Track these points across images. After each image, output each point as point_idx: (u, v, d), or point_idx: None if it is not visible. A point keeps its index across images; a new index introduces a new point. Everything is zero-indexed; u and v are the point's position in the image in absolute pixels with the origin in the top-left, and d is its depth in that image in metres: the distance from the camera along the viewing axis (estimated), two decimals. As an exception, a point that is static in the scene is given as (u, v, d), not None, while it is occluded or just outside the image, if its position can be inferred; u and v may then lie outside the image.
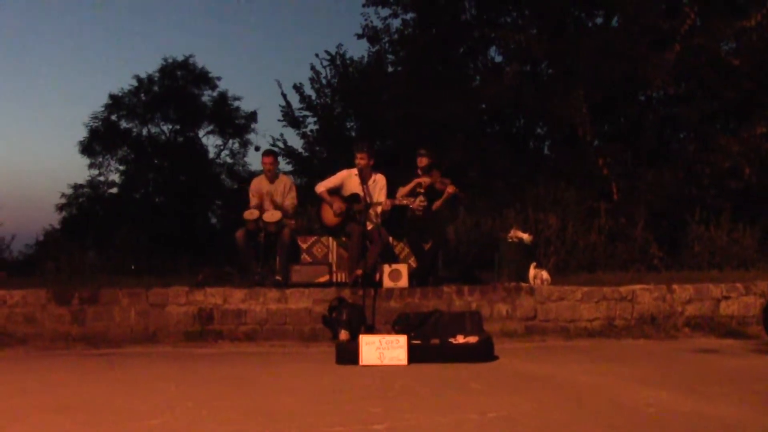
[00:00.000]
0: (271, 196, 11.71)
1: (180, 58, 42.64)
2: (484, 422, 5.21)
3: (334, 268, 11.50)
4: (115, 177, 42.87)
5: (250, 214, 11.34)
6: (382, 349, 8.07)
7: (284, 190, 11.79)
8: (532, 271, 11.39)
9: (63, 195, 41.73)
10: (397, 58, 25.80)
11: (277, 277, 11.07)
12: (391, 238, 11.63)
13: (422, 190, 11.51)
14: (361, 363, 8.01)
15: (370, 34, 25.34)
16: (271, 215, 11.32)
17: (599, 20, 22.58)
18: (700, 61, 19.11)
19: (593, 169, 19.69)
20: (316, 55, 26.88)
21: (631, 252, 15.08)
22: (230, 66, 72.98)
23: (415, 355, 8.09)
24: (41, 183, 75.91)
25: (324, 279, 11.01)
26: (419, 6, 23.73)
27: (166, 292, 10.63)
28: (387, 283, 10.82)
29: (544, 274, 11.37)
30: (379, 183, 11.51)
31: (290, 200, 11.79)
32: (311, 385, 6.88)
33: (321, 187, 11.63)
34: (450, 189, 11.45)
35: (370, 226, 11.14)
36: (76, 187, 42.14)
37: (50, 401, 6.16)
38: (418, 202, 11.37)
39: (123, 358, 9.05)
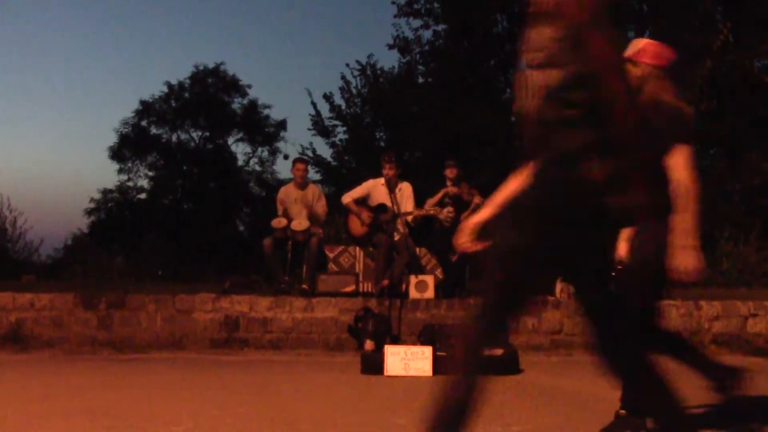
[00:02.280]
0: (301, 204, 11.72)
1: (211, 66, 42.82)
2: (508, 436, 5.20)
3: (361, 278, 11.50)
4: (144, 183, 43.13)
5: (278, 222, 11.37)
6: (408, 360, 8.06)
7: (313, 198, 11.80)
8: (558, 285, 11.35)
9: (92, 200, 42.01)
10: (427, 70, 25.82)
11: (304, 286, 11.07)
12: (417, 249, 11.63)
13: (449, 201, 11.49)
14: (385, 373, 8.00)
15: (401, 44, 25.38)
16: (299, 224, 11.33)
17: (631, 34, 22.53)
18: (732, 77, 19.02)
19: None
20: (347, 65, 26.90)
21: (659, 267, 14.98)
22: (261, 74, 73.13)
23: (440, 366, 8.08)
24: (71, 187, 76.27)
25: (350, 289, 11.01)
26: (451, 18, 23.75)
27: (192, 298, 10.65)
28: (413, 293, 10.81)
29: (571, 288, 11.32)
30: (405, 191, 11.51)
31: (321, 208, 11.81)
32: (336, 395, 6.88)
33: (347, 198, 11.64)
34: (477, 200, 11.43)
35: (397, 237, 11.13)
36: (105, 192, 42.43)
37: (75, 405, 6.19)
38: (446, 213, 11.36)
39: (148, 363, 9.08)
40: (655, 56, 5.14)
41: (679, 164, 4.83)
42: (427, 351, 8.19)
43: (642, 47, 5.15)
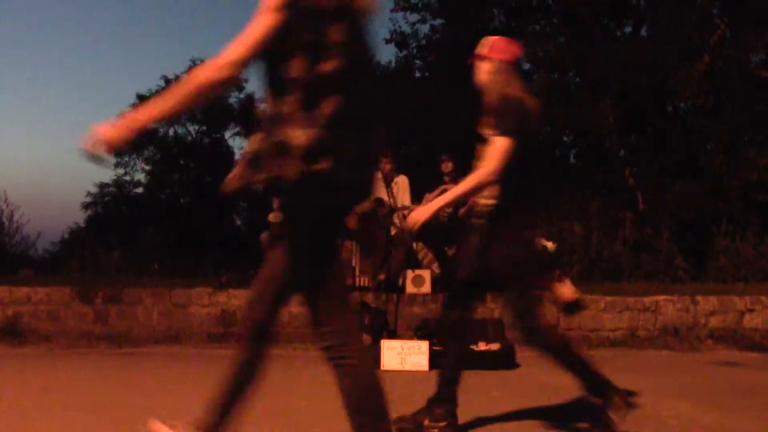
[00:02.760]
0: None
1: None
2: (504, 429, 5.21)
3: (357, 273, 11.49)
4: (140, 177, 43.02)
5: (275, 216, 11.34)
6: (404, 355, 8.08)
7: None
8: (555, 280, 11.36)
9: (89, 194, 41.88)
10: (424, 64, 25.83)
11: (301, 280, 11.06)
12: (414, 244, 11.62)
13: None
14: (382, 368, 8.03)
15: (398, 39, 25.38)
16: (296, 218, 11.31)
17: (628, 29, 22.53)
18: (730, 72, 19.02)
19: (619, 180, 19.64)
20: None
21: (656, 263, 15.00)
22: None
23: (436, 361, 8.09)
24: (67, 181, 76.33)
25: (347, 283, 11.01)
26: (448, 12, 23.73)
27: (189, 292, 10.65)
28: (410, 288, 10.81)
29: (568, 283, 11.32)
30: (401, 185, 11.51)
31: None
32: (332, 389, 6.88)
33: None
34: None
35: (393, 231, 11.13)
36: (102, 186, 42.31)
37: (71, 400, 6.19)
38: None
39: (145, 358, 9.09)
40: (501, 51, 5.30)
41: (488, 153, 4.99)
42: (424, 346, 8.21)
43: (491, 44, 5.34)
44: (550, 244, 12.15)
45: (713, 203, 18.41)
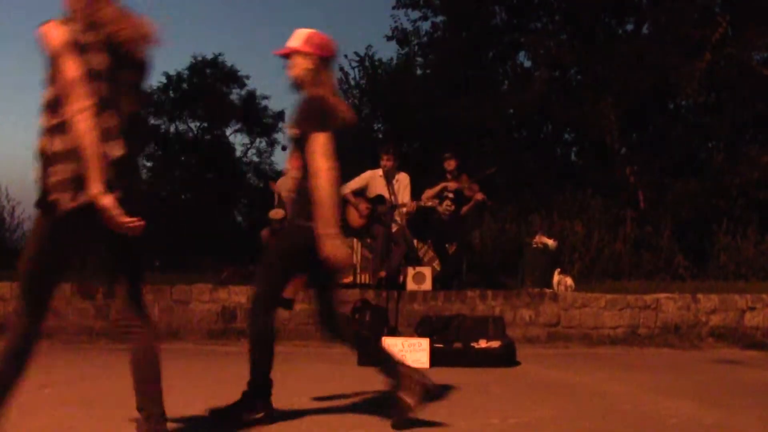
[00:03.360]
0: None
1: (209, 56, 42.67)
2: (505, 428, 5.19)
3: (358, 270, 11.50)
4: (141, 173, 43.02)
5: (276, 213, 11.35)
6: (404, 352, 8.05)
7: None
8: (556, 277, 11.36)
9: (89, 189, 41.86)
10: (426, 61, 25.76)
11: (301, 277, 11.06)
12: (415, 241, 11.62)
13: (451, 195, 11.48)
14: (382, 365, 8.00)
15: (400, 36, 25.33)
16: (297, 215, 11.31)
17: (629, 26, 22.49)
18: (731, 70, 19.00)
19: (620, 178, 19.62)
20: (345, 56, 26.74)
21: (657, 261, 15.01)
22: (259, 65, 73.01)
23: (437, 358, 8.09)
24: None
25: (347, 280, 11.02)
26: (449, 9, 23.66)
27: (189, 289, 10.65)
28: (410, 285, 10.81)
29: (568, 281, 11.33)
30: (402, 182, 11.46)
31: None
32: (332, 386, 6.88)
33: (345, 189, 11.55)
34: (478, 196, 11.41)
35: (394, 228, 11.11)
36: (103, 182, 42.30)
37: (71, 395, 6.19)
38: (445, 206, 11.35)
39: (145, 353, 9.07)
40: (319, 47, 5.10)
41: (313, 153, 4.86)
42: (424, 343, 8.19)
43: (307, 37, 5.11)
44: (550, 242, 12.21)
45: (714, 201, 18.41)
